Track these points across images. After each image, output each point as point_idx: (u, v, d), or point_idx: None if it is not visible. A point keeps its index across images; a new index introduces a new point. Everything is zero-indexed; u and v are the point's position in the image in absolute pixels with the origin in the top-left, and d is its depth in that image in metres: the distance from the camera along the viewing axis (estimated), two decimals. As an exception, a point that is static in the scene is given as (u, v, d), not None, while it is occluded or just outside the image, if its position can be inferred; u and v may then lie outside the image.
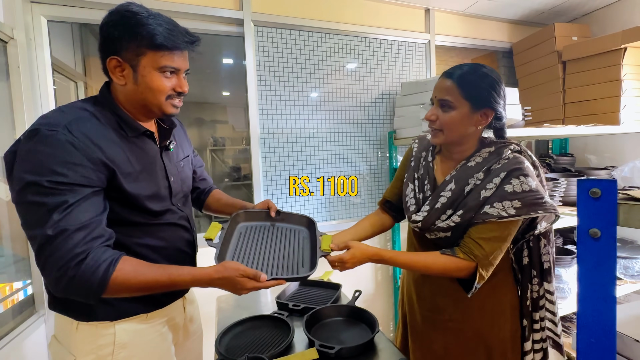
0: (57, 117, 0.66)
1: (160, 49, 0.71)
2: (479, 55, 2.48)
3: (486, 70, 0.82)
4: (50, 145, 0.62)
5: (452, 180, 0.87)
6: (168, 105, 0.76)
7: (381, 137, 2.04)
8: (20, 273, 1.39)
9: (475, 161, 0.85)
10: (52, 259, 0.61)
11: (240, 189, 4.01)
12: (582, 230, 0.70)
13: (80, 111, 0.69)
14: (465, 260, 0.81)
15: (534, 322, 0.95)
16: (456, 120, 0.82)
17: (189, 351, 1.01)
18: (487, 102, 0.81)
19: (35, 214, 0.62)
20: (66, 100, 1.89)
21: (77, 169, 0.64)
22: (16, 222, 1.35)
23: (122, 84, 0.73)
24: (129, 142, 0.75)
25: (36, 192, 0.61)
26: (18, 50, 1.32)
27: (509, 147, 0.86)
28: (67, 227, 0.61)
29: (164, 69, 0.73)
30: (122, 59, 0.71)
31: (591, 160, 2.35)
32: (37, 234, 0.61)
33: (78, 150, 0.64)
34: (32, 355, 1.31)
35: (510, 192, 0.78)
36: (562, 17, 2.32)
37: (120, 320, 0.77)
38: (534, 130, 1.56)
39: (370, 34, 1.95)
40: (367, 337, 0.95)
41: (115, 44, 0.71)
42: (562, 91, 2.02)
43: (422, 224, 0.90)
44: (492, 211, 0.79)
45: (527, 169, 0.81)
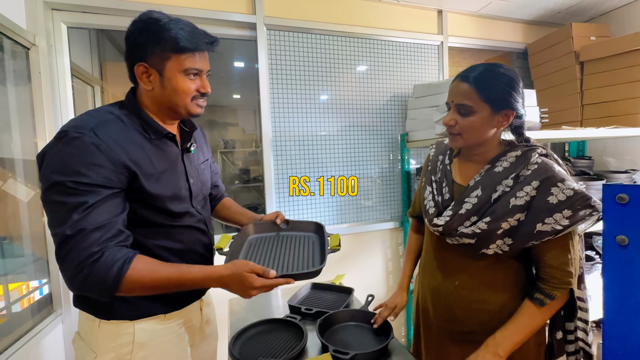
0: (85, 120, 0.69)
1: (184, 52, 0.74)
2: (492, 57, 2.44)
3: (503, 70, 0.79)
4: (76, 147, 0.65)
5: (477, 186, 0.83)
6: (193, 106, 0.79)
7: (393, 140, 2.02)
8: (39, 272, 1.43)
9: (502, 166, 0.82)
10: (69, 257, 0.63)
11: (250, 191, 4.03)
12: (609, 237, 0.67)
13: (106, 114, 0.73)
14: (562, 294, 0.78)
15: (567, 332, 0.89)
16: (476, 125, 0.80)
17: (203, 352, 1.02)
18: (507, 102, 0.79)
19: (57, 212, 0.64)
20: (84, 104, 1.94)
21: (99, 170, 0.66)
22: (35, 222, 1.40)
23: (149, 89, 0.76)
24: (152, 144, 0.77)
25: (60, 192, 0.64)
26: (39, 56, 1.36)
27: (536, 150, 0.82)
28: (85, 227, 0.63)
29: (188, 71, 0.76)
30: (149, 65, 0.75)
31: (610, 163, 2.28)
32: (57, 232, 0.63)
33: (101, 153, 0.66)
34: (50, 354, 1.34)
35: (556, 203, 0.74)
36: (579, 17, 2.27)
37: (139, 320, 0.79)
38: (553, 132, 1.53)
39: (382, 36, 1.94)
40: (381, 343, 0.93)
41: (142, 51, 0.74)
42: (580, 92, 1.96)
43: (443, 228, 0.86)
44: (545, 228, 0.75)
45: (560, 172, 0.78)
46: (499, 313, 0.84)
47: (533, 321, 0.79)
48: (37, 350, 1.24)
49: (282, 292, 1.41)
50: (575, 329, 0.89)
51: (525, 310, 0.80)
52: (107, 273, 0.64)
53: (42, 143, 1.37)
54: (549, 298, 0.78)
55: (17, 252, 1.37)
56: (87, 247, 0.63)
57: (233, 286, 0.72)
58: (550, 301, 0.78)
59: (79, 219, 0.63)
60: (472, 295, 0.87)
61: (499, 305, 0.85)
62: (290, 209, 1.83)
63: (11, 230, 1.33)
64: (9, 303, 1.27)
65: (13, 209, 1.32)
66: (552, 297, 0.78)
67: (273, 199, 1.78)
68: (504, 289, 0.86)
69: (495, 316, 0.85)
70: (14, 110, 1.32)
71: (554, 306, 0.79)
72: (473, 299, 0.87)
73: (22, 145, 1.35)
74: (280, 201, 1.81)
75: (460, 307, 0.90)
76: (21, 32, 1.27)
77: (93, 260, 0.63)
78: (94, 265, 0.63)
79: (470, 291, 0.88)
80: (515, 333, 0.78)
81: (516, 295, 0.85)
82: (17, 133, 1.34)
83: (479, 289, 0.87)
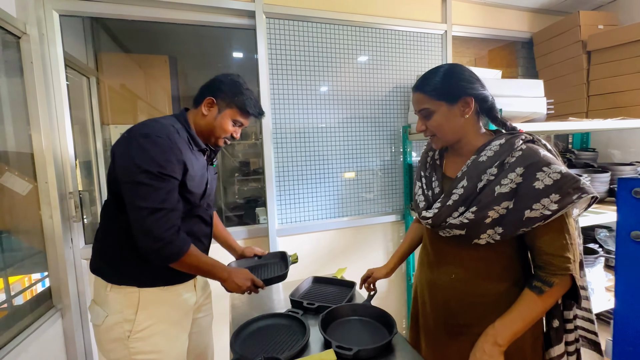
0: (159, 128, 0.91)
1: (242, 113, 1.04)
2: (496, 46, 2.39)
3: (444, 66, 0.86)
4: (159, 146, 0.87)
5: (464, 176, 0.84)
6: (221, 141, 1.06)
7: (395, 132, 1.99)
8: (38, 265, 1.41)
9: (487, 155, 0.82)
10: (158, 224, 0.86)
11: (250, 183, 4.01)
12: (623, 233, 0.65)
13: (170, 127, 0.94)
14: (562, 280, 0.76)
15: (566, 321, 0.88)
16: (442, 122, 0.85)
17: (200, 325, 1.17)
18: (458, 91, 0.82)
19: (146, 191, 0.85)
20: (80, 95, 1.89)
21: (172, 166, 0.89)
22: (32, 215, 1.38)
23: (205, 114, 1.02)
24: (192, 153, 0.99)
25: (148, 177, 0.85)
26: (31, 46, 1.31)
27: (519, 137, 0.81)
28: (168, 207, 0.88)
29: (236, 122, 1.05)
30: (216, 101, 1.02)
31: (615, 155, 2.25)
32: (146, 205, 0.85)
33: (173, 153, 0.89)
34: (50, 348, 1.34)
35: (542, 188, 0.73)
36: (586, 5, 2.21)
37: (143, 287, 0.96)
38: (558, 124, 1.49)
39: (384, 25, 1.89)
40: (385, 338, 0.92)
41: (219, 92, 1.02)
42: (586, 83, 1.93)
43: (432, 220, 0.88)
44: (534, 214, 0.74)
45: (546, 157, 0.76)
46: (495, 305, 0.83)
47: (533, 310, 0.77)
48: (37, 345, 1.24)
49: (284, 286, 1.40)
50: (574, 318, 0.88)
51: (524, 298, 0.78)
52: (181, 246, 0.90)
53: (37, 135, 1.34)
54: (547, 285, 0.76)
55: (15, 245, 1.35)
56: (174, 220, 0.89)
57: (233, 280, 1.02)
58: (548, 288, 0.76)
59: (164, 199, 0.87)
60: (467, 288, 0.87)
61: (495, 297, 0.85)
62: (290, 202, 1.81)
63: (9, 224, 1.31)
64: (10, 296, 1.26)
65: (10, 203, 1.30)
66: (550, 284, 0.76)
67: (274, 191, 1.75)
68: (499, 281, 0.85)
69: (492, 308, 0.84)
70: (7, 102, 1.29)
71: (554, 294, 0.77)
72: (469, 292, 0.87)
73: (15, 138, 1.32)
74: (280, 194, 1.78)
75: (457, 300, 0.90)
76: (11, 20, 1.22)
77: (175, 232, 0.89)
78: (176, 235, 0.89)
79: (466, 284, 0.88)
80: (515, 322, 0.77)
81: (512, 287, 0.84)
82: (10, 126, 1.30)
83: (474, 282, 0.87)
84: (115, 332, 0.93)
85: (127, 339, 0.93)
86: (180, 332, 1.03)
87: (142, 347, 0.95)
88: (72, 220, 1.47)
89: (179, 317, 1.03)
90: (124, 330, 0.93)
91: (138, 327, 0.94)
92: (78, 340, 1.46)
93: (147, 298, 0.95)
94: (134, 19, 1.54)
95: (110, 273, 0.95)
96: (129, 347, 0.94)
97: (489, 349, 0.76)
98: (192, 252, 0.94)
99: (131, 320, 0.93)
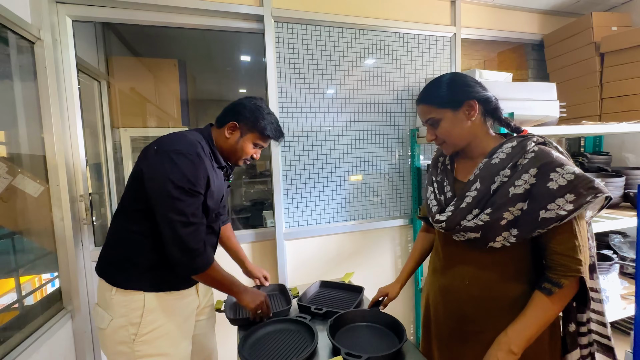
0: (189, 144, 0.95)
1: (263, 137, 1.07)
2: (506, 49, 2.36)
3: (445, 76, 0.88)
4: (190, 163, 0.91)
5: (476, 179, 0.83)
6: (241, 162, 1.11)
7: (403, 135, 1.97)
8: (49, 267, 1.43)
9: (499, 157, 0.82)
10: (191, 237, 0.91)
11: (257, 185, 4.02)
12: (644, 241, 0.63)
13: (197, 143, 0.98)
14: (571, 282, 0.75)
15: (580, 324, 0.86)
16: (449, 128, 0.86)
17: (203, 327, 1.19)
18: (460, 96, 0.84)
19: (180, 205, 0.89)
20: (90, 99, 1.92)
21: (200, 182, 0.93)
22: (44, 217, 1.40)
23: (227, 137, 1.05)
24: (213, 169, 1.02)
25: (181, 192, 0.89)
26: (45, 51, 1.34)
27: (531, 139, 0.82)
28: (198, 221, 0.93)
29: (257, 145, 1.08)
30: (239, 125, 1.05)
31: (629, 159, 2.20)
32: (179, 220, 0.89)
33: (201, 170, 0.93)
34: (60, 350, 1.35)
35: (557, 188, 0.73)
36: (599, 6, 2.17)
37: (148, 292, 0.97)
38: (571, 128, 1.46)
39: (393, 28, 1.88)
40: (395, 345, 0.91)
41: (242, 117, 1.05)
42: (599, 85, 1.89)
43: (446, 223, 0.87)
44: (549, 214, 0.73)
45: (559, 158, 0.76)
46: (511, 309, 0.81)
47: (545, 313, 0.75)
48: (47, 346, 1.25)
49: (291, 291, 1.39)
50: (588, 321, 0.86)
51: (535, 302, 0.77)
52: (210, 259, 0.97)
53: (49, 138, 1.36)
54: (556, 287, 0.74)
55: (27, 246, 1.37)
56: (202, 235, 0.95)
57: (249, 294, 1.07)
58: (558, 290, 0.74)
59: (194, 213, 0.92)
60: (483, 293, 0.86)
61: (510, 301, 0.83)
62: (297, 205, 1.80)
63: (21, 226, 1.33)
64: (21, 296, 1.27)
65: (22, 205, 1.32)
66: (560, 286, 0.74)
67: (281, 194, 1.75)
68: (515, 285, 0.83)
69: (507, 313, 0.81)
70: (21, 106, 1.31)
71: (564, 296, 0.75)
72: (484, 296, 0.85)
73: (29, 140, 1.34)
74: (287, 197, 1.78)
75: (471, 306, 0.88)
76: (26, 26, 1.25)
77: (204, 244, 0.95)
78: (205, 248, 0.95)
79: (481, 289, 0.86)
80: (528, 327, 0.75)
81: (528, 291, 0.82)
82: (24, 128, 1.33)
83: (489, 286, 0.85)
84: (121, 336, 0.95)
85: (133, 342, 0.94)
86: (184, 334, 1.05)
87: (147, 350, 0.96)
88: (83, 223, 1.49)
89: (183, 320, 1.04)
90: (129, 333, 0.94)
91: (143, 330, 0.95)
92: (87, 343, 1.47)
93: (152, 302, 0.97)
94: (145, 24, 1.56)
95: (117, 277, 0.97)
96: (134, 350, 0.95)
97: (503, 358, 0.74)
98: (216, 265, 1.00)
99: (136, 324, 0.95)
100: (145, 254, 0.96)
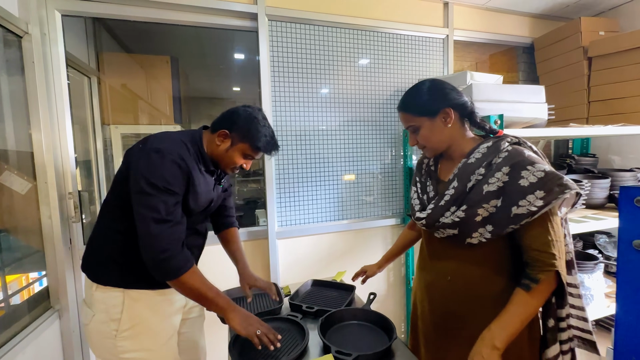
0: (172, 144, 0.93)
1: (254, 150, 1.02)
2: (497, 51, 2.40)
3: (421, 84, 0.91)
4: (168, 163, 0.89)
5: (455, 178, 0.88)
6: (229, 170, 1.08)
7: (396, 135, 1.99)
8: (37, 265, 1.41)
9: (475, 157, 0.86)
10: (164, 235, 0.87)
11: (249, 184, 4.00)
12: (625, 241, 0.65)
13: (183, 144, 0.96)
14: (548, 277, 0.77)
15: (559, 320, 0.89)
16: (429, 134, 0.90)
17: (191, 325, 1.18)
18: (436, 106, 0.88)
19: (152, 201, 0.87)
20: (80, 95, 1.89)
21: (177, 181, 0.90)
22: (32, 215, 1.37)
23: (218, 144, 1.01)
24: (200, 172, 1.00)
25: (152, 188, 0.87)
26: (33, 45, 1.31)
27: (505, 139, 0.86)
28: (173, 219, 0.89)
29: (247, 156, 1.04)
30: (230, 134, 1.00)
31: (615, 161, 2.26)
32: (152, 216, 0.86)
33: (181, 170, 0.91)
34: (48, 349, 1.33)
35: (528, 185, 0.77)
36: (588, 11, 2.22)
37: (129, 289, 0.96)
38: (559, 130, 1.49)
39: (386, 28, 1.89)
40: (384, 343, 0.92)
41: (235, 126, 1.00)
42: (587, 89, 1.93)
43: (426, 220, 0.92)
44: (521, 210, 0.77)
45: (531, 157, 0.80)
46: (493, 305, 0.83)
47: (525, 309, 0.78)
48: (34, 346, 1.23)
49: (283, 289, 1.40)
50: (567, 317, 0.89)
51: (516, 298, 0.80)
52: (184, 262, 0.89)
53: (37, 134, 1.34)
54: (534, 282, 0.77)
55: (13, 245, 1.35)
56: (179, 234, 0.90)
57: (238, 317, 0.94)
58: (536, 285, 0.77)
59: (169, 211, 0.88)
60: (465, 289, 0.89)
61: (492, 297, 0.86)
62: (290, 204, 1.80)
63: (7, 223, 1.31)
64: (7, 296, 1.25)
65: (9, 202, 1.29)
66: (537, 281, 0.77)
67: (274, 193, 1.75)
68: (495, 281, 0.86)
69: (490, 309, 0.84)
70: (8, 101, 1.28)
71: (543, 290, 0.78)
72: (467, 293, 0.89)
73: (15, 136, 1.32)
74: (280, 196, 1.78)
75: (455, 302, 0.91)
76: (13, 20, 1.22)
77: (180, 245, 0.90)
78: (180, 250, 0.89)
79: (463, 286, 0.89)
80: (510, 323, 0.77)
81: (508, 287, 0.84)
82: (11, 124, 1.30)
83: (471, 283, 0.88)
84: (103, 331, 0.96)
85: (115, 337, 0.95)
86: (168, 332, 1.03)
87: (130, 346, 0.96)
88: (71, 221, 1.47)
89: (166, 317, 1.03)
90: (111, 329, 0.95)
91: (124, 326, 0.95)
92: (75, 342, 1.45)
93: (133, 298, 0.96)
94: (137, 20, 1.54)
95: (97, 273, 0.97)
96: (117, 345, 0.96)
97: (488, 354, 0.76)
98: (195, 272, 0.92)
99: (117, 320, 0.95)
100: (127, 252, 0.95)
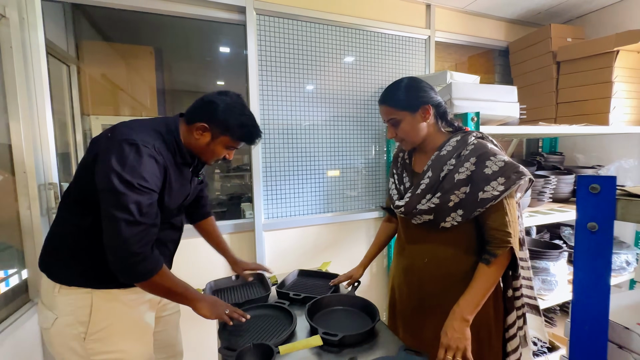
0: (146, 136, 0.86)
1: (236, 141, 0.97)
2: (475, 53, 2.51)
3: (403, 81, 0.99)
4: (143, 157, 0.82)
5: (429, 169, 0.98)
6: (210, 162, 1.03)
7: (379, 131, 2.05)
8: (11, 261, 1.36)
9: (447, 150, 0.97)
10: (136, 238, 0.80)
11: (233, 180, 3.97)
12: (581, 224, 0.73)
13: (157, 134, 0.90)
14: (504, 252, 0.90)
15: (515, 290, 1.03)
16: (408, 128, 0.98)
17: (166, 323, 1.15)
18: (417, 102, 0.96)
19: (125, 201, 0.79)
20: (59, 83, 1.83)
21: (154, 178, 0.84)
22: (7, 209, 1.32)
23: (197, 138, 0.95)
24: (177, 165, 0.95)
25: (128, 188, 0.79)
26: (11, 30, 1.26)
27: (472, 134, 0.98)
28: (148, 221, 0.83)
29: (230, 148, 0.99)
30: (209, 127, 0.94)
31: (579, 159, 2.43)
32: (124, 217, 0.78)
33: (158, 165, 0.85)
34: (26, 343, 1.29)
35: (490, 173, 0.89)
36: (557, 18, 2.37)
37: (97, 289, 0.91)
38: (529, 128, 1.61)
39: (371, 27, 1.94)
40: (368, 325, 0.98)
41: (212, 118, 0.93)
42: (555, 91, 2.07)
43: (404, 208, 1.01)
44: (486, 195, 0.89)
45: (493, 149, 0.93)
46: (464, 281, 0.95)
47: (487, 280, 0.91)
48: (12, 339, 1.20)
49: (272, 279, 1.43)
50: (520, 287, 1.03)
51: (479, 272, 0.92)
52: (155, 264, 0.84)
53: (16, 125, 1.29)
54: (492, 257, 0.90)
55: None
56: (151, 237, 0.84)
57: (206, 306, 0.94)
58: (494, 259, 0.90)
59: (144, 212, 0.81)
60: (439, 269, 0.99)
61: (462, 274, 0.96)
62: (276, 197, 1.83)
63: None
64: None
65: (-18, 194, 1.24)
66: (495, 255, 0.90)
67: (260, 187, 1.77)
68: (465, 260, 0.98)
69: (460, 285, 0.95)
70: (-17, 88, 1.23)
71: (500, 263, 0.91)
72: (441, 272, 0.99)
73: (-8, 125, 1.27)
74: (267, 190, 1.80)
75: (430, 282, 1.01)
76: (-10, 3, 1.18)
77: (150, 248, 0.84)
78: (151, 252, 0.84)
79: (438, 266, 0.99)
80: (475, 295, 0.90)
81: (476, 265, 0.96)
82: (-13, 112, 1.25)
83: (445, 263, 0.99)
84: (68, 335, 0.89)
85: (83, 340, 0.89)
86: (142, 331, 0.99)
87: (101, 348, 0.91)
88: (52, 212, 1.43)
89: (140, 316, 0.98)
90: (78, 332, 0.89)
91: (94, 328, 0.89)
92: (55, 335, 1.42)
93: (102, 298, 0.90)
94: (120, 8, 1.51)
95: (60, 273, 0.90)
96: (85, 348, 0.89)
97: (458, 325, 0.88)
98: (165, 272, 0.87)
99: (85, 322, 0.89)
100: (91, 250, 0.87)
